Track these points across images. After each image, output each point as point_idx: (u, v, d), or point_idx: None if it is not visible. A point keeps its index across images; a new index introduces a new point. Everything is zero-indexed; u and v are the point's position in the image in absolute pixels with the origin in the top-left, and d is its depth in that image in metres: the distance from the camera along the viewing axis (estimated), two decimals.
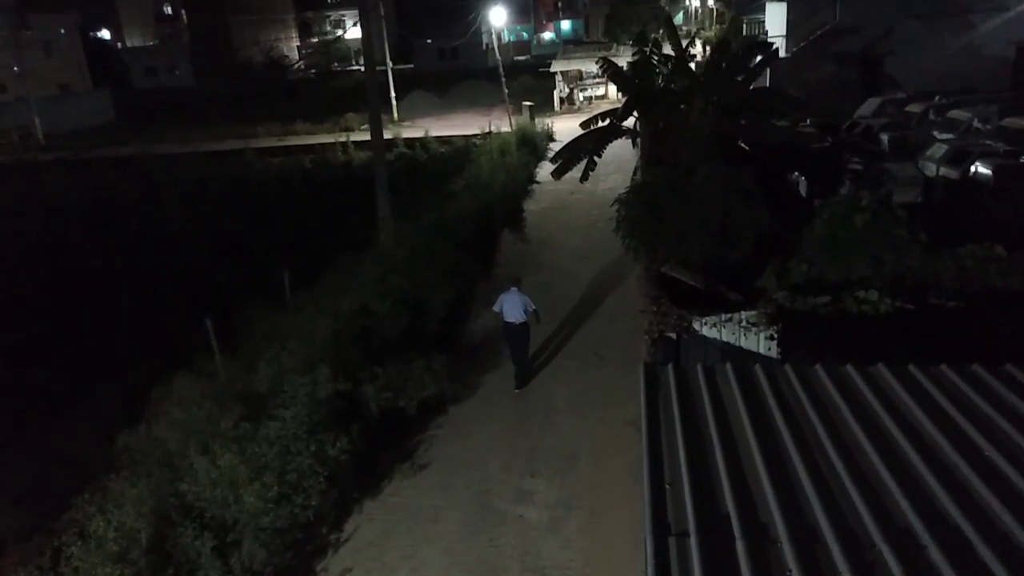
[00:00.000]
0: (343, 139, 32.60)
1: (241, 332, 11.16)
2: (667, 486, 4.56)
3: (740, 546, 3.97)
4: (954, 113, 23.00)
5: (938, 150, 19.41)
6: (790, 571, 3.79)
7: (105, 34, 76.87)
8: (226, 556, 7.25)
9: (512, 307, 11.12)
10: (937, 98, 25.27)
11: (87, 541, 7.04)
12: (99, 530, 7.07)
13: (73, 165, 33.77)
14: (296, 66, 69.14)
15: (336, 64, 74.04)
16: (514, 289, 11.34)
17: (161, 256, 18.23)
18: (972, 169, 17.81)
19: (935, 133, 21.91)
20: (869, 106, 27.08)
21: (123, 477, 7.99)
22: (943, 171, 18.54)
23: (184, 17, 73.94)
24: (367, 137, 18.26)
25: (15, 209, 24.73)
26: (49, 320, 14.59)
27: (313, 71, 71.85)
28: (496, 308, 11.32)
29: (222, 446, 7.96)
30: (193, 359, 10.02)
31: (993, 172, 17.18)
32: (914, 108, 25.18)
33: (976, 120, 21.94)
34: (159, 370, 10.11)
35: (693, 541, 4.03)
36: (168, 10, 79.34)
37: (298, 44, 78.78)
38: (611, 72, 17.60)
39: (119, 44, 76.17)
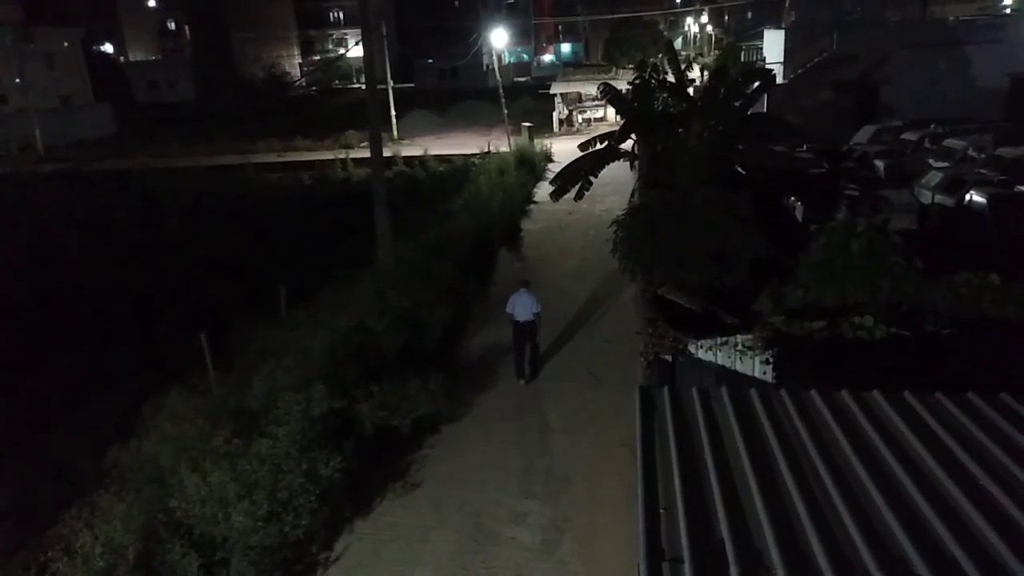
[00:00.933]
0: (343, 156, 32.74)
1: (236, 347, 11.11)
2: (661, 511, 4.53)
3: (734, 573, 3.94)
4: (949, 142, 23.23)
5: (933, 178, 19.57)
6: None
7: (108, 48, 77.31)
8: (214, 574, 7.17)
9: (522, 307, 11.95)
10: (932, 126, 25.53)
11: (73, 557, 6.95)
12: (86, 546, 6.98)
13: (73, 177, 33.81)
14: (297, 83, 69.61)
15: (337, 82, 74.54)
16: (523, 290, 12.10)
17: (158, 270, 18.20)
18: (967, 197, 17.95)
19: (930, 161, 22.11)
20: (865, 133, 27.35)
21: (112, 492, 7.91)
22: (938, 199, 18.68)
23: (187, 33, 74.57)
24: (367, 154, 18.34)
25: (12, 221, 24.71)
26: (44, 332, 14.53)
27: (314, 88, 72.28)
28: (508, 309, 12.08)
29: (213, 463, 7.89)
30: (187, 374, 9.97)
31: (988, 200, 17.31)
32: (910, 136, 25.44)
33: (971, 149, 22.16)
34: (153, 384, 10.05)
35: (687, 567, 4.00)
36: (171, 25, 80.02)
37: (300, 61, 79.32)
38: (610, 96, 17.75)
39: (122, 58, 76.64)
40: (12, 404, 11.42)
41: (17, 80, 47.03)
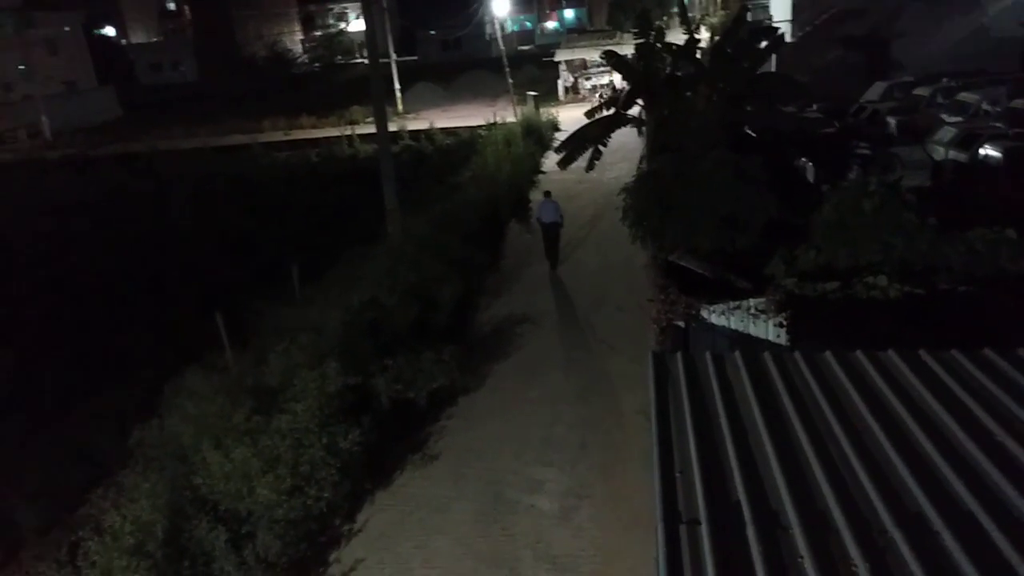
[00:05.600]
0: (348, 132, 32.60)
1: (251, 327, 11.22)
2: (677, 474, 4.57)
3: (751, 533, 3.98)
4: (962, 96, 22.77)
5: (947, 133, 19.24)
6: (801, 558, 3.80)
7: (109, 31, 76.85)
8: (240, 548, 7.33)
9: (547, 211, 15.02)
10: (945, 81, 25.01)
11: (103, 535, 7.12)
12: (115, 524, 7.15)
13: (81, 163, 33.92)
14: (300, 60, 69.03)
15: (340, 57, 73.80)
16: (546, 199, 15.28)
17: (170, 252, 18.32)
18: (981, 152, 17.65)
19: (943, 116, 21.71)
20: (876, 90, 26.84)
21: (137, 471, 8.08)
22: (952, 154, 18.38)
23: (187, 13, 73.88)
24: (373, 130, 18.25)
25: (26, 207, 24.88)
26: (62, 317, 14.71)
27: (317, 65, 71.64)
28: (535, 215, 15.39)
29: (235, 439, 8.04)
30: (204, 354, 10.10)
31: (1003, 154, 17.02)
32: (922, 91, 24.93)
33: (985, 102, 21.72)
34: (171, 365, 10.19)
35: (704, 529, 4.04)
36: (171, 6, 79.24)
37: (301, 38, 78.51)
38: (615, 61, 17.50)
39: (123, 41, 76.22)
40: (36, 389, 11.62)
41: (21, 67, 46.93)
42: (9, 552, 8.39)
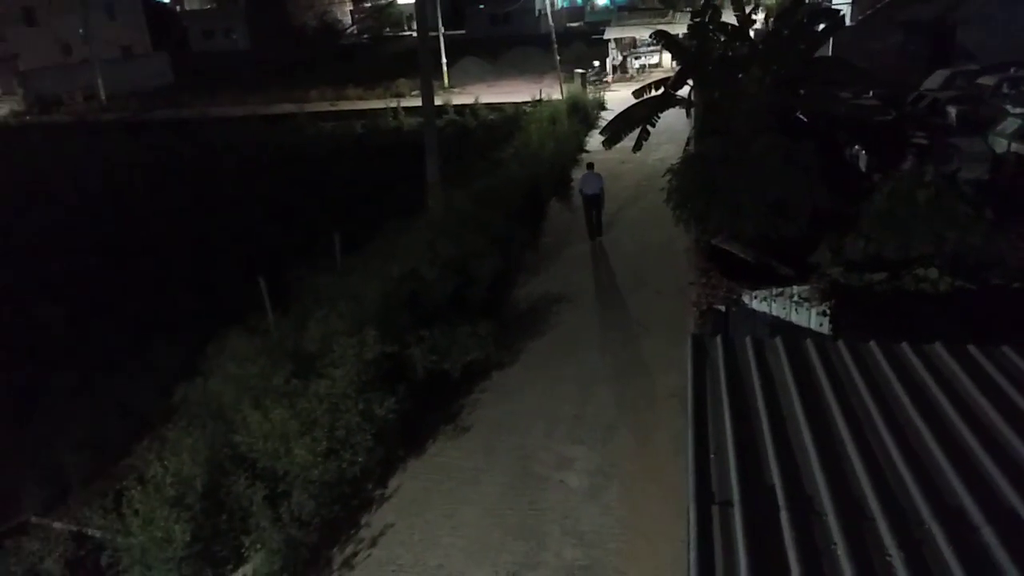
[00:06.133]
0: (394, 105, 32.70)
1: (293, 293, 11.43)
2: (712, 455, 4.54)
3: (784, 517, 3.94)
4: None
5: (1010, 124, 18.47)
6: (835, 544, 3.76)
7: None
8: (276, 506, 7.53)
9: (590, 183, 15.50)
10: (1013, 70, 24.00)
11: (146, 485, 7.38)
12: (157, 476, 7.40)
13: (134, 126, 34.71)
14: (349, 31, 69.29)
15: (388, 29, 73.92)
16: (590, 171, 15.66)
17: (217, 217, 18.68)
18: None
19: (1008, 107, 20.84)
20: (937, 78, 25.86)
21: (180, 427, 8.33)
22: (1015, 147, 17.66)
23: None
24: (418, 103, 18.30)
25: (79, 169, 25.58)
26: (111, 276, 15.14)
27: (366, 36, 71.86)
28: (578, 186, 16.28)
29: (274, 401, 8.23)
30: (247, 317, 10.32)
31: None
32: (987, 80, 23.94)
33: None
34: (215, 327, 10.44)
35: (737, 510, 4.01)
36: None
37: (351, 9, 78.78)
38: (666, 41, 17.17)
39: (177, 7, 77.38)
40: (83, 345, 12.02)
41: (80, 30, 48.02)
42: (57, 498, 8.75)
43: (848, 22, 30.94)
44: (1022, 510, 3.89)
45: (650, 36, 19.36)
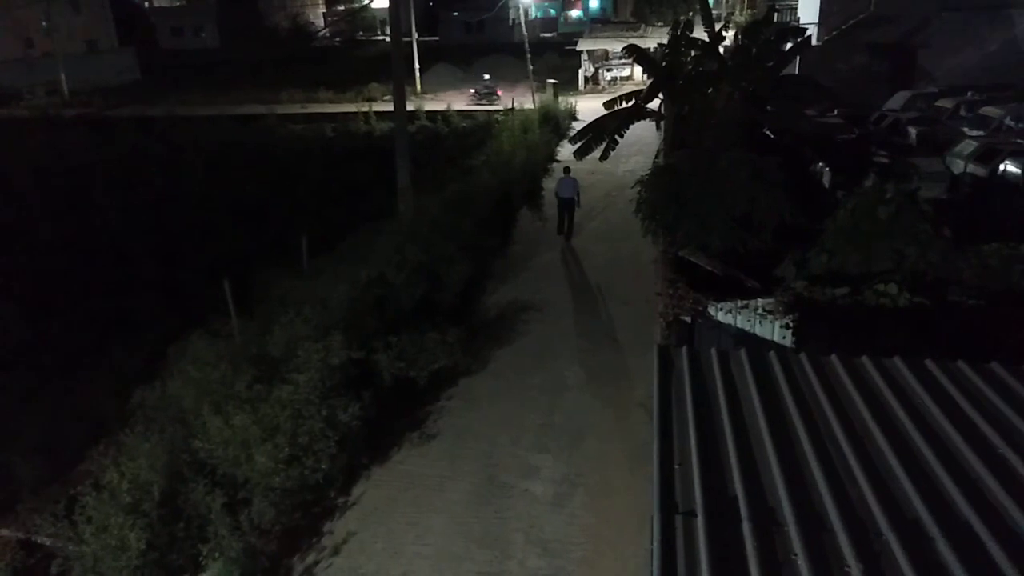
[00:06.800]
0: (365, 109, 32.52)
1: (258, 296, 11.25)
2: (676, 466, 4.57)
3: (746, 528, 3.99)
4: (986, 110, 22.54)
5: (967, 146, 19.05)
6: (795, 555, 3.80)
7: None
8: (235, 513, 7.38)
9: (566, 187, 16.23)
10: (969, 94, 24.76)
11: (101, 492, 7.18)
12: (113, 481, 7.21)
13: (97, 123, 33.94)
14: (321, 34, 68.79)
15: (361, 33, 73.55)
16: (565, 176, 16.31)
17: (182, 218, 18.35)
18: (1001, 167, 17.49)
19: (965, 129, 21.50)
20: (899, 99, 26.60)
21: (137, 432, 8.13)
22: (971, 168, 18.21)
23: None
24: (390, 107, 18.22)
25: (40, 166, 24.91)
26: (70, 277, 14.75)
27: (338, 39, 71.38)
28: (555, 189, 16.64)
29: (235, 406, 8.08)
30: (210, 320, 10.13)
31: (1022, 171, 16.87)
32: (945, 103, 24.68)
33: (1008, 118, 21.50)
34: (176, 330, 10.23)
35: (700, 521, 4.05)
36: None
37: (324, 11, 78.29)
38: (637, 55, 17.38)
39: (146, 3, 76.06)
40: (40, 346, 11.68)
41: (43, 23, 46.90)
42: (5, 505, 8.46)
43: (815, 42, 31.64)
44: (975, 521, 3.98)
45: (622, 50, 19.58)
